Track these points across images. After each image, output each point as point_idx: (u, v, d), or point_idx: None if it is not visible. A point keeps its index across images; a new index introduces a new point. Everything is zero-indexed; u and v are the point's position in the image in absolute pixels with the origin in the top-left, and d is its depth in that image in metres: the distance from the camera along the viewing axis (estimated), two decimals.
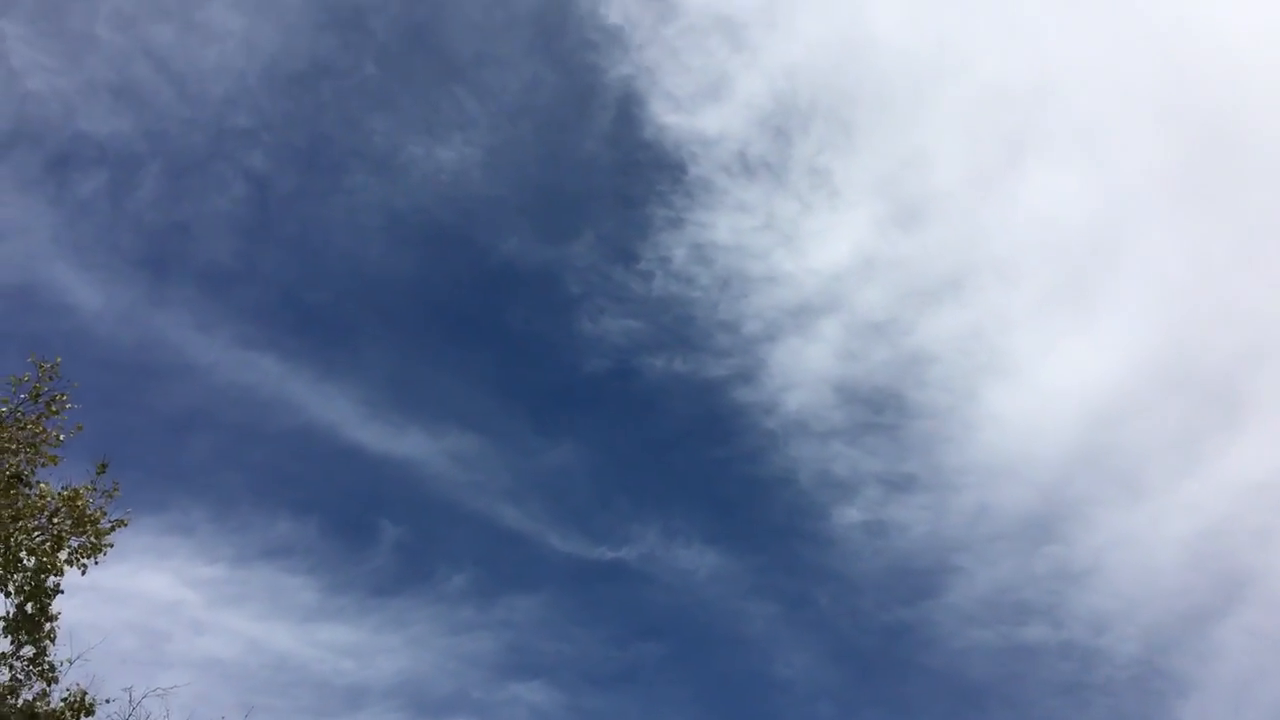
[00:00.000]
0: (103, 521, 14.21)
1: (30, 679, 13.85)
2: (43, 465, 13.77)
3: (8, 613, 13.75)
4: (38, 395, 13.88)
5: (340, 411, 46.58)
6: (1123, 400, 45.97)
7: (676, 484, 51.26)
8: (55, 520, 13.71)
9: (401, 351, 51.01)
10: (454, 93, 49.16)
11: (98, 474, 14.47)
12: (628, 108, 48.60)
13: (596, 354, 50.41)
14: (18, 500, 13.11)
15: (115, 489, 14.55)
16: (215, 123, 45.61)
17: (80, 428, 14.00)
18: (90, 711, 13.96)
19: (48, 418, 13.86)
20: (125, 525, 14.40)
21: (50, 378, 14.08)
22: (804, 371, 48.84)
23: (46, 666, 13.92)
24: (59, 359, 14.12)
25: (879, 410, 48.27)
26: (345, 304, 50.10)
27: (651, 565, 46.19)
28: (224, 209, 46.49)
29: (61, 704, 13.85)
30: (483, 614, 43.73)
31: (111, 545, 14.26)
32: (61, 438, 13.92)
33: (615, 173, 51.25)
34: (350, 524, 45.48)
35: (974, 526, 45.46)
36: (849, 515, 46.50)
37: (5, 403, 13.62)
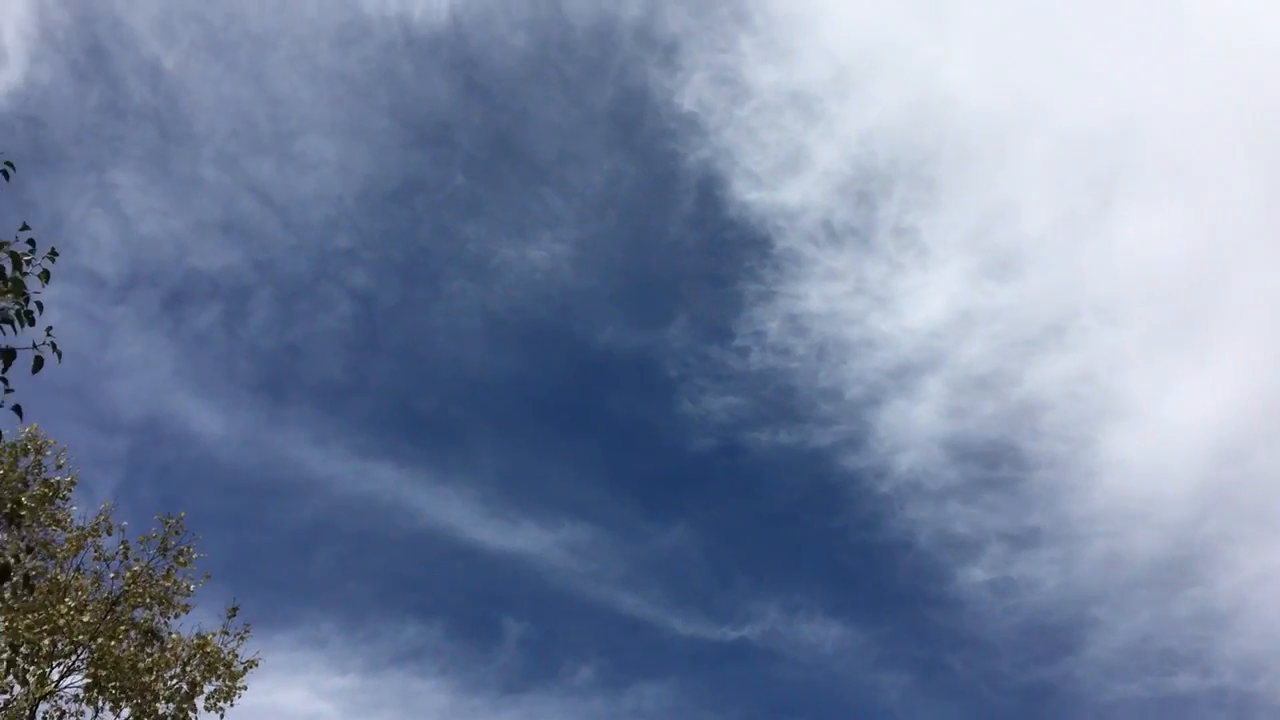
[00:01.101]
0: (235, 664, 14.44)
1: None
2: (175, 616, 14.11)
3: None
4: (165, 549, 14.31)
5: (457, 512, 47.25)
6: (1245, 433, 43.41)
7: (793, 557, 50.25)
8: (189, 668, 13.98)
9: (511, 448, 51.69)
10: (540, 193, 50.40)
11: (229, 617, 14.81)
12: (709, 189, 49.06)
13: (700, 433, 50.16)
14: (153, 653, 13.41)
15: (246, 630, 14.84)
16: (318, 246, 47.69)
17: (209, 576, 14.39)
18: None
19: (177, 569, 14.25)
20: (256, 666, 14.62)
21: (176, 531, 14.54)
22: (912, 432, 47.63)
23: None
24: (183, 514, 14.61)
25: (994, 465, 46.63)
26: (453, 407, 51.16)
27: (776, 642, 45.09)
28: (332, 327, 48.28)
29: None
30: (612, 704, 43.18)
31: (245, 687, 14.47)
32: (192, 588, 14.29)
33: (703, 253, 51.58)
34: (475, 623, 45.75)
35: (1107, 576, 43.22)
36: (974, 575, 44.73)
37: (138, 560, 14.06)
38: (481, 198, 51.01)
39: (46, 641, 12.52)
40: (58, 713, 13.30)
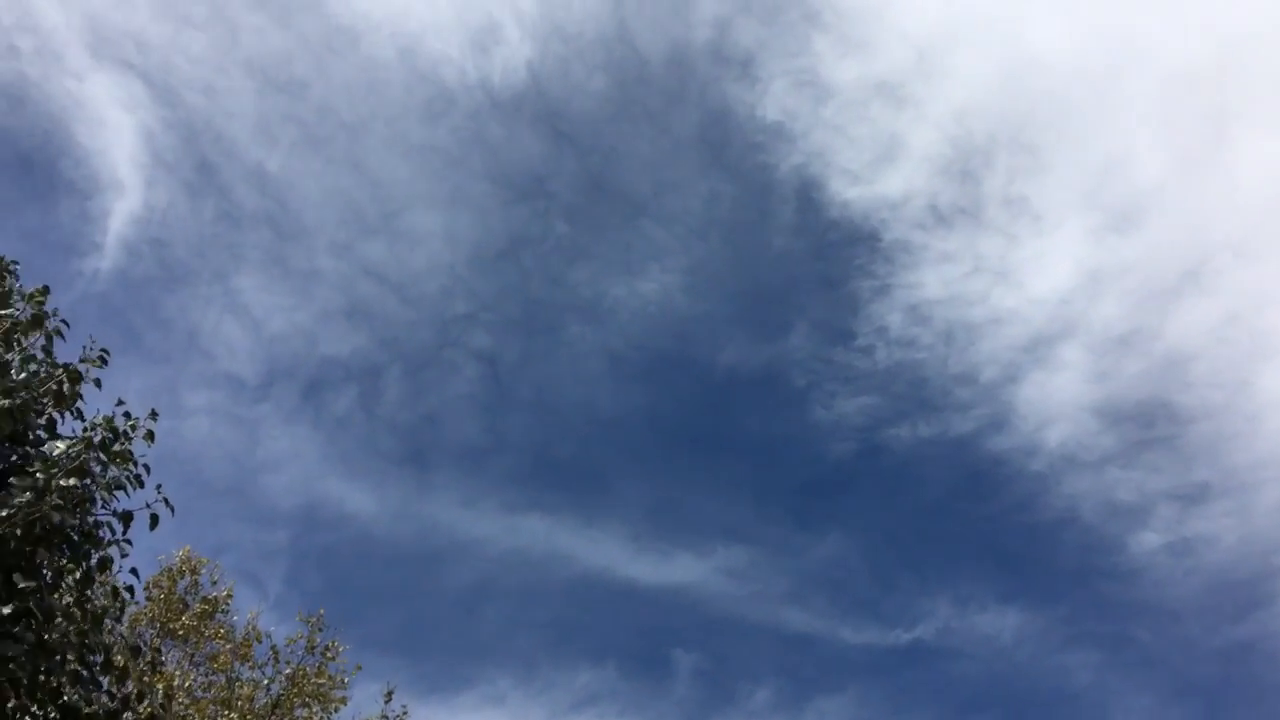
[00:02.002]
0: None
1: None
2: (335, 711, 15.02)
3: None
4: (312, 648, 15.28)
5: (609, 553, 47.99)
6: None
7: (954, 550, 49.09)
8: None
9: (652, 482, 52.28)
10: (641, 228, 51.21)
11: (385, 701, 15.66)
12: (807, 194, 48.91)
13: (838, 438, 49.73)
14: None
15: (404, 713, 15.64)
16: (437, 316, 49.66)
17: (360, 668, 15.28)
18: None
19: (327, 663, 15.20)
20: None
21: (319, 629, 15.50)
22: (1057, 405, 46.08)
23: None
24: (322, 611, 15.58)
25: (1149, 424, 44.64)
26: (590, 450, 52.11)
27: (951, 639, 44.06)
28: (462, 391, 50.02)
29: None
30: None
31: None
32: (346, 680, 15.21)
33: (811, 259, 51.35)
34: (645, 660, 46.18)
35: None
36: (1147, 541, 42.80)
37: (289, 663, 15.08)
38: (585, 242, 52.21)
39: None
40: None
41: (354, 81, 45.68)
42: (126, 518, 7.12)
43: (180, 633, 14.43)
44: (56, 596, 6.70)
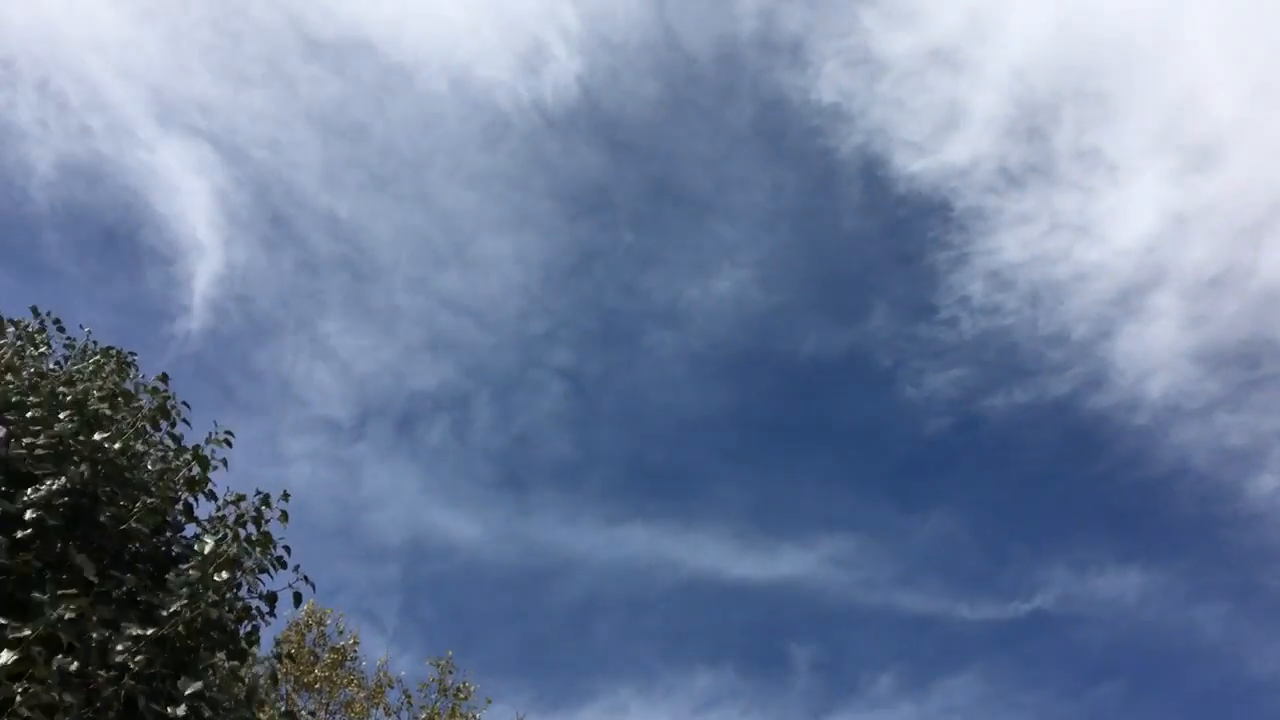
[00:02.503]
0: None
1: None
2: None
3: None
4: (444, 691, 15.43)
5: (714, 554, 47.82)
6: None
7: (1064, 514, 47.93)
8: None
9: (749, 479, 52.01)
10: (708, 227, 50.92)
11: None
12: (872, 172, 48.09)
13: (932, 414, 48.85)
14: None
15: None
16: (517, 338, 50.05)
17: (489, 701, 15.39)
18: None
19: (460, 704, 15.32)
20: None
21: (449, 670, 15.64)
22: (1155, 355, 44.63)
23: None
24: (450, 653, 15.77)
25: (1253, 364, 42.93)
26: (683, 454, 52.01)
27: (1073, 605, 43.02)
28: (550, 409, 50.26)
29: None
30: (921, 707, 42.25)
31: None
32: (478, 717, 15.32)
33: (883, 237, 50.51)
34: (763, 658, 45.94)
35: None
36: (1266, 484, 41.18)
37: (424, 708, 15.24)
38: (654, 247, 52.14)
39: None
40: None
41: (411, 118, 46.25)
42: (271, 599, 7.15)
43: (315, 685, 14.66)
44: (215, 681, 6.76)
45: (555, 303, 49.44)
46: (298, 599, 7.25)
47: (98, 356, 8.00)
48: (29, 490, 5.89)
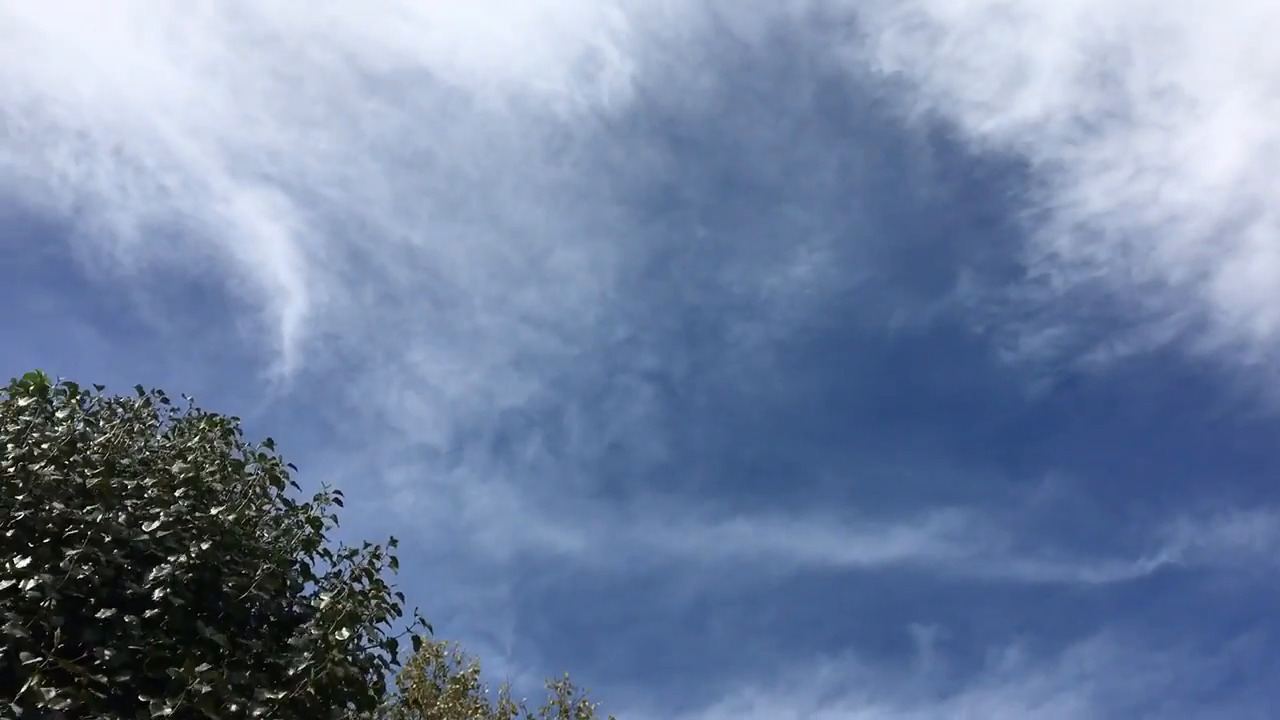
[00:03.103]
0: None
1: None
2: None
3: None
4: (565, 712, 15.60)
5: (823, 541, 47.38)
6: None
7: (1180, 465, 46.20)
8: None
9: (850, 462, 51.42)
10: (780, 213, 50.49)
11: None
12: (942, 137, 47.11)
13: (1032, 377, 47.68)
14: None
15: None
16: (601, 346, 50.31)
17: (614, 718, 15.51)
18: None
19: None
20: None
21: (568, 691, 15.81)
22: (1259, 291, 42.73)
23: None
24: (566, 674, 15.91)
25: None
26: (779, 444, 51.68)
27: (1200, 557, 41.48)
28: (641, 414, 50.40)
29: None
30: (1052, 676, 41.25)
31: None
32: None
33: (961, 201, 49.46)
34: (884, 642, 45.37)
35: None
36: None
37: None
38: (727, 240, 51.95)
39: None
40: None
41: (473, 140, 46.84)
42: (392, 645, 7.30)
43: (439, 718, 14.94)
44: None
45: (634, 307, 49.57)
46: (417, 643, 7.39)
47: (203, 425, 8.28)
48: (154, 570, 6.10)
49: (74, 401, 7.40)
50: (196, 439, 7.79)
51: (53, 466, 6.42)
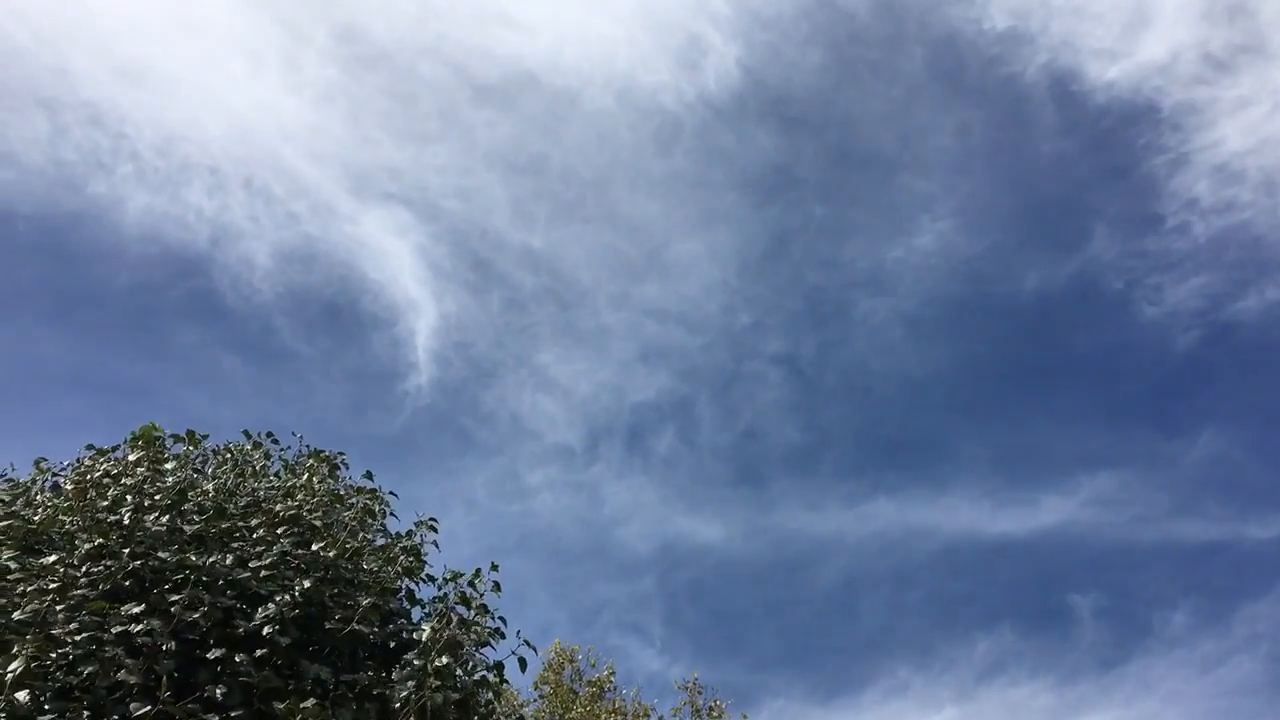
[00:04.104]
0: None
1: None
2: None
3: None
4: (697, 710, 15.61)
5: (970, 515, 46.13)
6: None
7: None
8: None
9: (992, 432, 49.86)
10: (899, 184, 49.31)
11: None
12: (1064, 89, 45.10)
13: (1178, 330, 45.20)
14: None
15: None
16: (726, 333, 50.20)
17: (745, 717, 15.46)
18: None
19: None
20: None
21: (698, 691, 15.82)
22: None
23: None
24: (695, 674, 15.95)
25: None
26: (917, 419, 50.59)
27: None
28: (772, 399, 50.10)
29: None
30: (1223, 639, 39.08)
31: None
32: None
33: (1090, 154, 47.22)
34: (1042, 614, 43.89)
35: None
36: None
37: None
38: (846, 216, 51.09)
39: None
40: None
41: (584, 140, 47.41)
42: (499, 668, 7.41)
43: None
44: None
45: (757, 291, 49.17)
46: (523, 664, 7.49)
47: (311, 462, 8.60)
48: (260, 609, 6.34)
49: (186, 450, 7.78)
50: (304, 477, 8.08)
51: (164, 516, 6.74)
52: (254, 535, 6.89)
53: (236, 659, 6.03)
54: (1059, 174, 46.97)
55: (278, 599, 6.37)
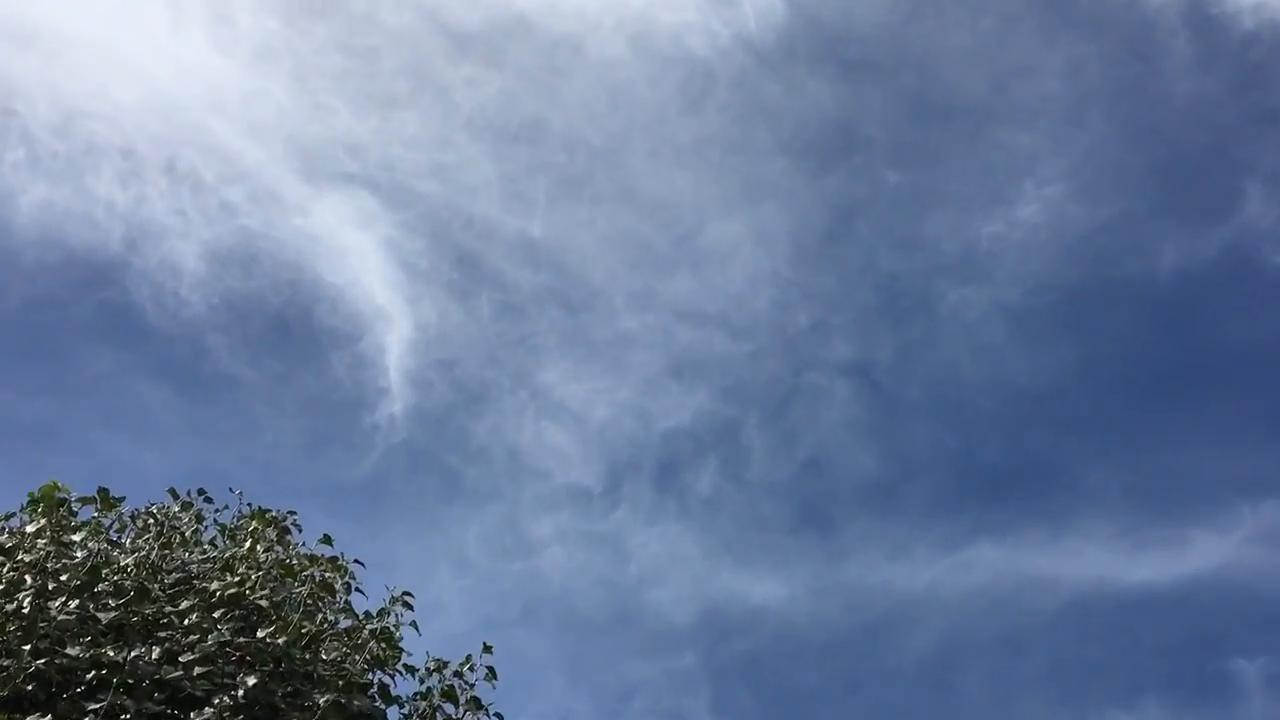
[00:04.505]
0: None
1: None
2: None
3: None
4: None
5: (1098, 561, 41.14)
6: None
7: None
8: None
9: (1122, 453, 44.13)
10: (995, 139, 44.08)
11: None
12: (1200, 16, 41.26)
13: None
14: None
15: None
16: (779, 336, 45.23)
17: None
18: None
19: None
20: None
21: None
22: None
23: None
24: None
25: None
26: (1026, 437, 45.64)
27: None
28: (839, 417, 44.87)
29: None
30: None
31: None
32: None
33: (1235, 94, 42.89)
34: (1196, 683, 39.32)
35: None
36: None
37: None
38: (928, 182, 45.91)
39: None
40: None
41: (592, 97, 42.59)
42: None
43: None
44: None
45: (817, 283, 44.51)
46: None
47: (254, 525, 7.33)
48: (194, 715, 5.15)
49: (97, 516, 6.51)
50: (247, 545, 6.85)
51: (73, 601, 5.55)
52: (185, 621, 5.86)
53: None
54: (1198, 121, 42.93)
55: (216, 701, 5.37)
